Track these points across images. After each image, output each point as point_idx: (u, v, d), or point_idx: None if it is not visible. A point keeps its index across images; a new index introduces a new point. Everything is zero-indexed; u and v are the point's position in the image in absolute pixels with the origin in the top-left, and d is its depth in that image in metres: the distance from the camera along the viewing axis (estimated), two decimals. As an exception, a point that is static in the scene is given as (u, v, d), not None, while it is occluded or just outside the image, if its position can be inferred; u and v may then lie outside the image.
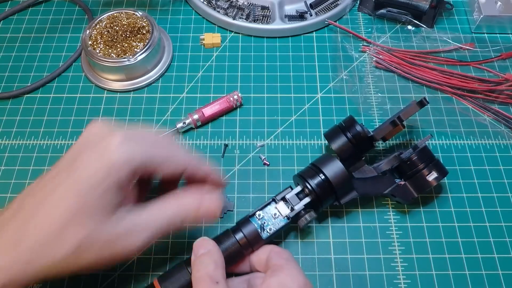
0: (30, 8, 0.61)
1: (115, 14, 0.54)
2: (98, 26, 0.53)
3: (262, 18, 0.58)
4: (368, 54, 0.55)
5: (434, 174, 0.41)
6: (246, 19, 0.57)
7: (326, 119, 0.50)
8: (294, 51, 0.56)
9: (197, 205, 0.34)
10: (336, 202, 0.41)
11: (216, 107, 0.50)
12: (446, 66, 0.53)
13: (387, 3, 0.57)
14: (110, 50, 0.51)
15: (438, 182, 0.41)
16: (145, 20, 0.53)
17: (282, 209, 0.39)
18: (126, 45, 0.52)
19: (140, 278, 0.40)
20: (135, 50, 0.51)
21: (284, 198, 0.40)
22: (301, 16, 0.58)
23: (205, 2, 0.59)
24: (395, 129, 0.43)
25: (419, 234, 0.43)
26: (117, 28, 0.52)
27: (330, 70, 0.54)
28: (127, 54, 0.51)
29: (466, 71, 0.53)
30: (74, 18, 0.60)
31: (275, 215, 0.39)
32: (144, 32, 0.53)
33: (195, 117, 0.49)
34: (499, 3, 0.56)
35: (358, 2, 0.60)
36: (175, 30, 0.58)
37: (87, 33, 0.52)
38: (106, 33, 0.52)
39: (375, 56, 0.54)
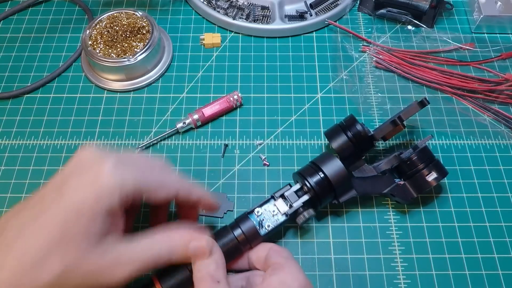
0: (30, 8, 0.61)
1: (115, 14, 0.54)
2: (98, 26, 0.53)
3: (262, 18, 0.58)
4: (368, 54, 0.55)
5: (434, 175, 0.41)
6: (246, 19, 0.57)
7: (326, 119, 0.50)
8: (294, 51, 0.56)
9: (185, 243, 0.33)
10: (335, 201, 0.41)
11: (216, 107, 0.50)
12: (446, 66, 0.53)
13: (387, 3, 0.57)
14: (110, 50, 0.51)
15: (437, 183, 0.41)
16: (145, 20, 0.53)
17: (281, 206, 0.39)
18: (126, 45, 0.52)
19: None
20: (135, 50, 0.51)
21: (283, 196, 0.40)
22: (301, 16, 0.58)
23: (205, 2, 0.59)
24: (396, 128, 0.43)
25: (419, 234, 0.43)
26: (117, 28, 0.53)
27: (330, 70, 0.54)
28: (127, 54, 0.51)
29: (466, 71, 0.53)
30: (74, 18, 0.60)
31: (274, 212, 0.39)
32: (144, 32, 0.53)
33: (195, 117, 0.49)
34: (499, 3, 0.56)
35: (358, 2, 0.60)
36: (175, 30, 0.58)
37: (87, 33, 0.52)
38: (106, 33, 0.52)
39: (375, 56, 0.54)
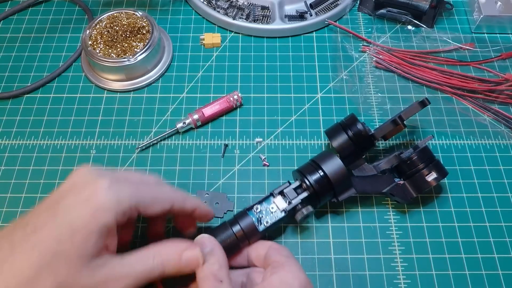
0: (30, 8, 0.61)
1: (115, 14, 0.54)
2: (98, 26, 0.53)
3: (262, 18, 0.58)
4: (368, 54, 0.55)
5: (434, 175, 0.41)
6: (246, 19, 0.57)
7: (326, 119, 0.50)
8: (294, 51, 0.56)
9: (178, 255, 0.33)
10: (334, 199, 0.41)
11: (216, 107, 0.50)
12: (446, 66, 0.53)
13: (387, 3, 0.57)
14: (110, 50, 0.51)
15: (437, 183, 0.41)
16: (145, 20, 0.53)
17: (280, 203, 0.40)
18: (126, 45, 0.52)
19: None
20: (135, 50, 0.51)
21: (282, 193, 0.40)
22: (301, 16, 0.58)
23: (205, 2, 0.59)
24: (396, 128, 0.43)
25: (419, 234, 0.43)
26: (117, 28, 0.53)
27: (330, 70, 0.54)
28: (127, 54, 0.51)
29: (466, 71, 0.53)
30: (74, 18, 0.60)
31: (273, 209, 0.39)
32: (144, 32, 0.53)
33: (195, 117, 0.49)
34: (499, 3, 0.56)
35: (358, 2, 0.60)
36: (175, 30, 0.58)
37: (87, 33, 0.52)
38: (106, 33, 0.52)
39: (375, 56, 0.54)
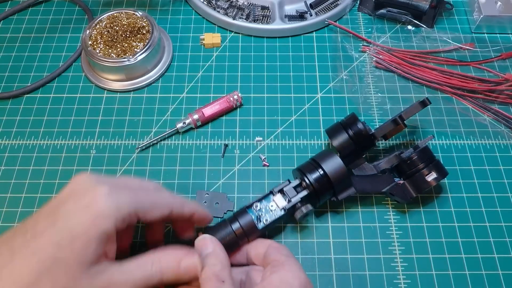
0: (30, 8, 0.61)
1: (115, 14, 0.54)
2: (98, 26, 0.53)
3: (262, 18, 0.58)
4: (368, 54, 0.55)
5: (434, 175, 0.41)
6: (246, 19, 0.57)
7: (326, 119, 0.50)
8: (294, 51, 0.56)
9: (177, 263, 0.33)
10: (333, 198, 0.41)
11: (216, 107, 0.50)
12: (446, 66, 0.53)
13: (387, 3, 0.57)
14: (110, 50, 0.51)
15: (437, 183, 0.41)
16: (145, 20, 0.53)
17: (279, 201, 0.40)
18: (126, 45, 0.52)
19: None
20: (135, 50, 0.51)
21: (282, 191, 0.40)
22: (301, 16, 0.58)
23: (205, 2, 0.59)
24: (397, 128, 0.43)
25: (419, 234, 0.43)
26: (117, 28, 0.53)
27: (330, 70, 0.54)
28: (127, 54, 0.51)
29: (466, 71, 0.53)
30: (74, 18, 0.60)
31: (272, 207, 0.39)
32: (144, 32, 0.53)
33: (195, 117, 0.49)
34: (499, 3, 0.56)
35: (358, 2, 0.60)
36: (175, 30, 0.58)
37: (87, 33, 0.52)
38: (106, 33, 0.52)
39: (375, 56, 0.54)
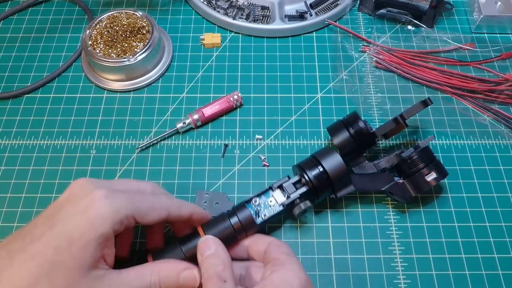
0: (30, 8, 0.61)
1: (115, 14, 0.54)
2: (98, 26, 0.53)
3: (262, 18, 0.58)
4: (368, 54, 0.55)
5: (434, 175, 0.41)
6: (246, 19, 0.57)
7: (326, 119, 0.50)
8: (294, 51, 0.56)
9: (177, 273, 0.34)
10: (332, 195, 0.41)
11: (216, 107, 0.50)
12: (446, 66, 0.53)
13: (387, 3, 0.57)
14: (110, 50, 0.51)
15: (437, 183, 0.41)
16: (145, 20, 0.53)
17: (278, 196, 0.40)
18: (126, 45, 0.52)
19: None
20: (135, 50, 0.51)
21: (281, 186, 0.40)
22: (301, 16, 0.58)
23: (205, 2, 0.59)
24: (398, 127, 0.43)
25: (419, 234, 0.43)
26: (117, 28, 0.52)
27: (330, 70, 0.54)
28: (127, 54, 0.51)
29: (466, 71, 0.53)
30: (74, 18, 0.60)
31: (271, 202, 0.39)
32: (144, 32, 0.53)
33: (195, 117, 0.49)
34: (499, 3, 0.56)
35: (358, 2, 0.60)
36: (175, 30, 0.58)
37: (87, 33, 0.52)
38: (106, 33, 0.52)
39: (375, 56, 0.54)
